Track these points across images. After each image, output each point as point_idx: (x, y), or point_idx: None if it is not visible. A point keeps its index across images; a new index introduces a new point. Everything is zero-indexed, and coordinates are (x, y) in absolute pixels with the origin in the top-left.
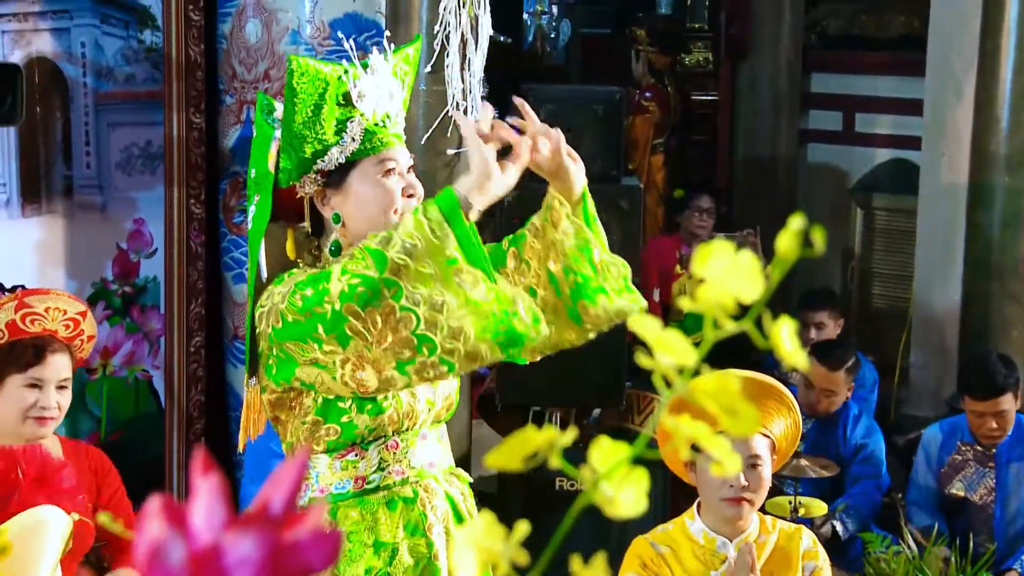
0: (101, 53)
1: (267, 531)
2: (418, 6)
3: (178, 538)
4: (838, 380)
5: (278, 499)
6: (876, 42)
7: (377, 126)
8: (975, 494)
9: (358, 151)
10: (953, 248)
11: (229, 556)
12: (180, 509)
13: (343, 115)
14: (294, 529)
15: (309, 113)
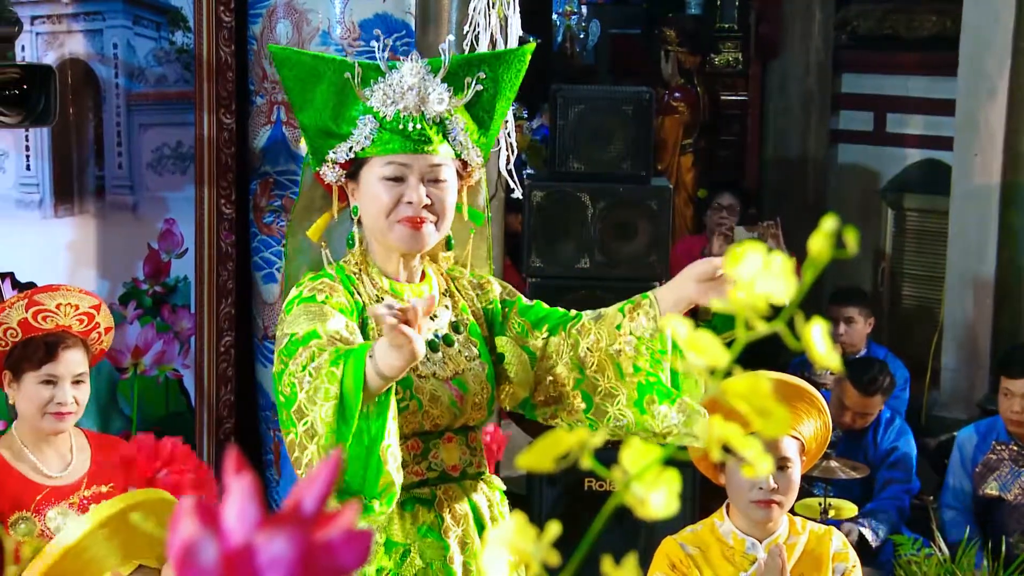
0: (133, 54)
1: (299, 531)
2: (448, 7)
3: (210, 538)
4: (873, 404)
5: (310, 499)
6: (907, 42)
7: (394, 127)
8: (1009, 493)
9: (368, 149)
10: (985, 250)
11: (261, 556)
12: (212, 509)
13: (354, 111)
14: (326, 529)
15: (307, 102)
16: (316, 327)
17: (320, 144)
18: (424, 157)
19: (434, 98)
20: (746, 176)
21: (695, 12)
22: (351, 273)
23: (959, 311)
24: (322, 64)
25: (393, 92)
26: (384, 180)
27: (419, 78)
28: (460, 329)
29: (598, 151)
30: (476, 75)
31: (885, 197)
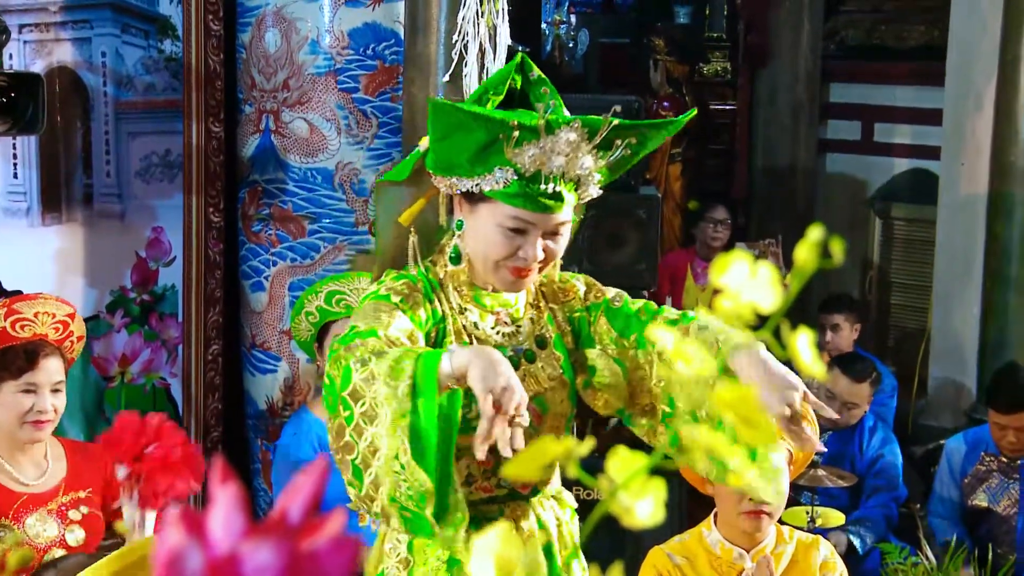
0: (121, 62)
1: (285, 540)
2: (437, 16)
3: (196, 546)
4: (861, 393)
5: (296, 508)
6: (895, 52)
7: (532, 187)
8: (998, 505)
9: (497, 193)
10: (972, 259)
11: (247, 564)
12: (198, 517)
13: (495, 160)
14: (312, 538)
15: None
16: (377, 328)
17: (444, 168)
18: (551, 217)
19: (579, 163)
20: (735, 185)
21: (684, 22)
22: (436, 276)
23: (946, 320)
24: (478, 121)
25: (543, 155)
26: (504, 229)
27: (573, 147)
28: (544, 343)
29: None
30: (628, 139)
31: (873, 206)
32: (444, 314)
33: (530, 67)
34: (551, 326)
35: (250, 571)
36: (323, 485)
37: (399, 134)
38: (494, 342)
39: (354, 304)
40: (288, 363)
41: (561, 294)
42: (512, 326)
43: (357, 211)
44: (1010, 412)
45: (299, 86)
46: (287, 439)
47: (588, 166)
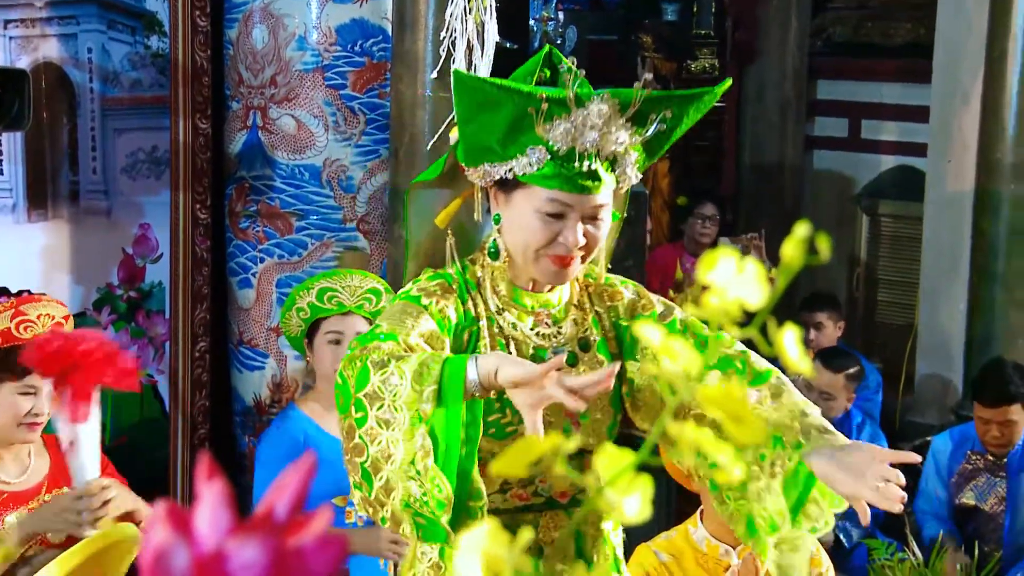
0: (108, 58)
1: (271, 537)
2: (424, 12)
3: (182, 543)
4: (837, 384)
5: (283, 505)
6: (882, 49)
7: (566, 165)
8: (985, 503)
9: (530, 176)
10: (959, 255)
11: (233, 561)
12: (185, 515)
13: (527, 139)
14: (298, 535)
15: (477, 122)
16: (398, 332)
17: (475, 155)
18: (589, 198)
19: (613, 138)
20: (722, 182)
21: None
22: (473, 277)
23: (933, 316)
24: (505, 95)
25: (575, 131)
26: (542, 215)
27: (605, 119)
28: (587, 347)
29: None
30: (662, 113)
31: (860, 203)
32: (479, 315)
33: (559, 58)
34: (596, 329)
35: (236, 568)
36: (309, 482)
37: (387, 131)
38: (533, 344)
39: (346, 301)
40: (276, 360)
41: (608, 297)
42: (553, 327)
43: (344, 208)
44: (995, 406)
45: (286, 82)
46: (272, 435)
47: (623, 141)
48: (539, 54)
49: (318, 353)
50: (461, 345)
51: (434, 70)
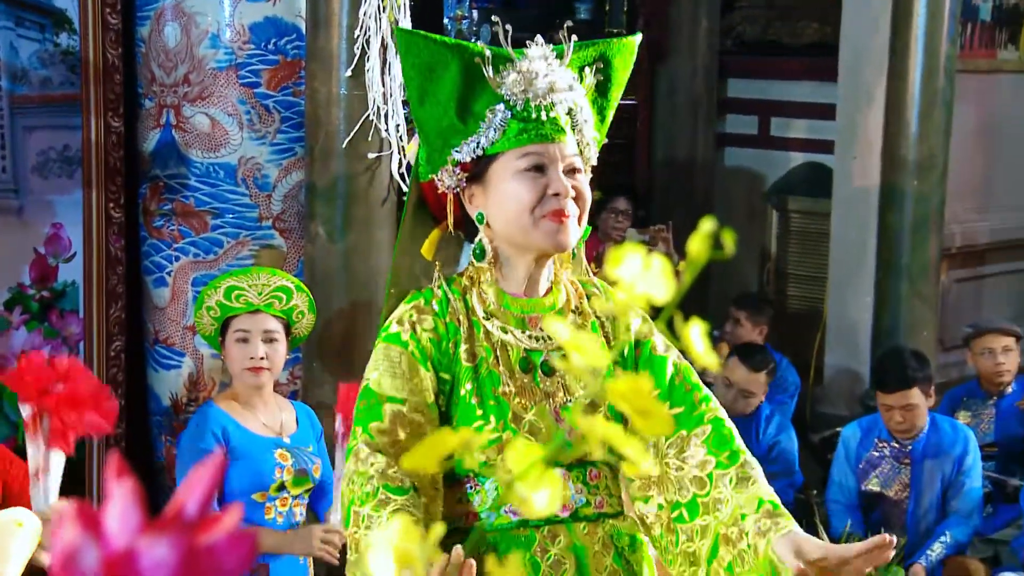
0: (16, 56)
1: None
2: (338, 10)
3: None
4: (758, 382)
5: (193, 503)
6: (790, 48)
7: (527, 116)
8: (890, 490)
9: (499, 143)
10: (865, 250)
11: (143, 560)
12: (94, 513)
13: (482, 102)
14: (208, 533)
15: (429, 95)
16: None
17: (439, 144)
18: (560, 146)
19: (563, 84)
20: (636, 178)
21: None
22: (458, 286)
23: (841, 309)
24: (450, 51)
25: (523, 79)
26: (523, 173)
27: (547, 64)
28: None
29: None
30: (595, 63)
31: (770, 199)
32: (459, 323)
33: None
34: (596, 333)
35: (147, 566)
36: (219, 479)
37: (302, 129)
38: (524, 347)
39: (254, 300)
40: (192, 359)
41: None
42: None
43: (260, 206)
44: (896, 391)
45: (200, 81)
46: (190, 431)
47: (570, 82)
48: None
49: (228, 352)
50: (447, 357)
51: (348, 68)
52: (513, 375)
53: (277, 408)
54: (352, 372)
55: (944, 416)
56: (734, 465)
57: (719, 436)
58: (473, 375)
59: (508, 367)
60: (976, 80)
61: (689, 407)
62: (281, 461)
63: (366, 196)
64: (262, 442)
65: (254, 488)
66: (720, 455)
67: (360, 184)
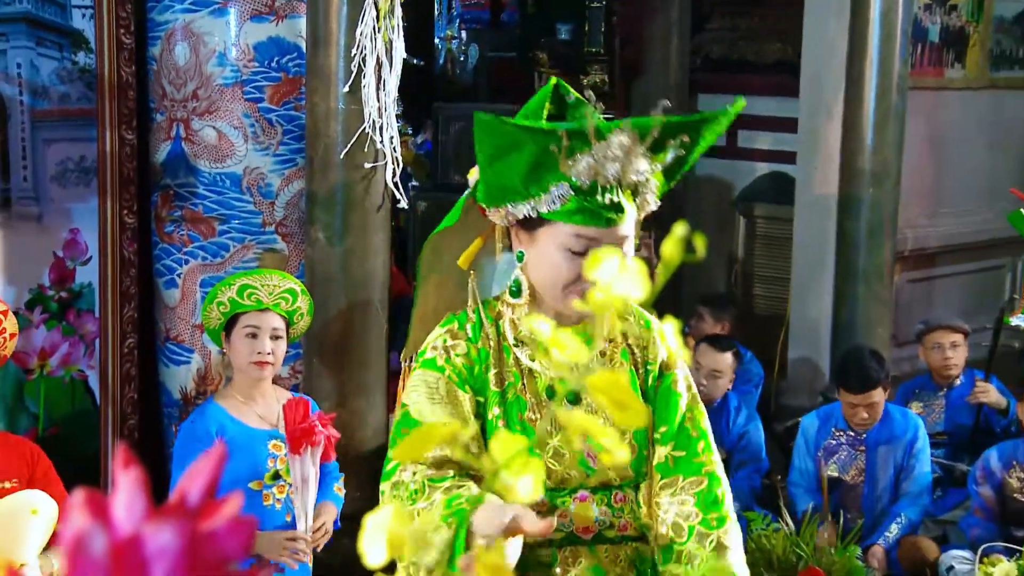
0: (37, 73)
1: (185, 521)
2: (336, 31)
3: (100, 529)
4: (725, 362)
5: (195, 491)
6: (755, 66)
7: (590, 199)
8: (847, 474)
9: (555, 214)
10: (825, 254)
11: (149, 545)
12: (103, 501)
13: (549, 179)
14: (210, 519)
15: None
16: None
17: (498, 195)
18: (614, 230)
19: (634, 168)
20: None
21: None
22: (492, 311)
23: (803, 309)
24: (527, 135)
25: (597, 164)
26: (567, 251)
27: (626, 150)
28: None
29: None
30: (679, 138)
31: (737, 206)
32: (490, 348)
33: (566, 90)
34: (626, 360)
35: (152, 552)
36: (221, 469)
37: (302, 140)
38: (550, 375)
39: (264, 299)
40: (200, 355)
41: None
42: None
43: (264, 212)
44: (860, 391)
45: (208, 96)
46: (188, 424)
47: (644, 170)
48: (546, 88)
49: (235, 345)
50: (479, 381)
51: (346, 84)
52: (539, 402)
53: (275, 401)
54: (348, 366)
55: (896, 405)
56: (718, 529)
57: (711, 495)
58: (501, 399)
59: (535, 394)
60: (926, 96)
61: (691, 453)
62: (274, 451)
63: (362, 203)
64: (256, 435)
65: (251, 477)
66: (708, 515)
67: (357, 192)
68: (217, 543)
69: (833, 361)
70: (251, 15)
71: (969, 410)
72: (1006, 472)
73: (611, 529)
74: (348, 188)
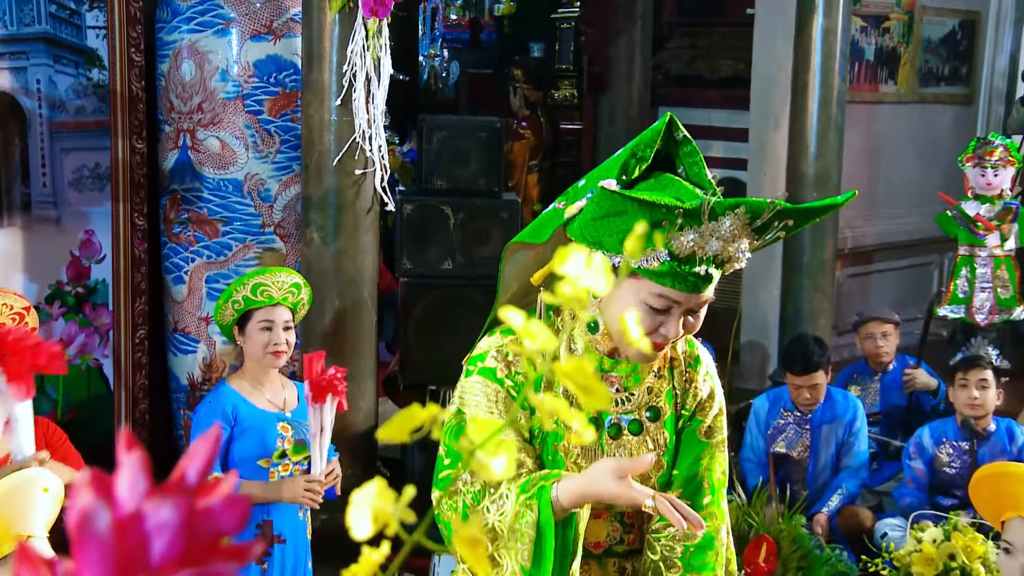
0: (54, 88)
1: (183, 499)
2: (329, 49)
3: (104, 507)
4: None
5: (193, 470)
6: (710, 81)
7: (684, 267)
8: (794, 451)
9: (647, 271)
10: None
11: (149, 522)
12: (107, 481)
13: (651, 242)
14: (207, 497)
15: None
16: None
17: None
18: (698, 296)
19: (735, 249)
20: None
21: (538, 55)
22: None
23: (753, 301)
24: (641, 209)
25: (701, 240)
26: (648, 307)
27: (735, 232)
28: (657, 417)
29: (458, 171)
30: (784, 222)
31: None
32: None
33: (676, 127)
34: (668, 404)
35: (152, 527)
36: (217, 450)
37: (298, 149)
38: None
39: (274, 294)
40: (206, 345)
41: (688, 380)
42: (624, 392)
43: (263, 215)
44: (804, 373)
45: (212, 109)
46: (205, 406)
47: (744, 249)
48: (659, 123)
49: (251, 337)
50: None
51: (338, 98)
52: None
53: (281, 387)
54: (341, 355)
55: (837, 388)
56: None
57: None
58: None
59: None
60: (862, 109)
61: (696, 506)
62: (283, 432)
63: (353, 206)
64: (267, 416)
65: (259, 455)
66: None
67: (348, 196)
68: (214, 519)
69: (781, 348)
70: (251, 35)
71: (902, 392)
72: (937, 448)
73: (621, 544)
74: (340, 192)
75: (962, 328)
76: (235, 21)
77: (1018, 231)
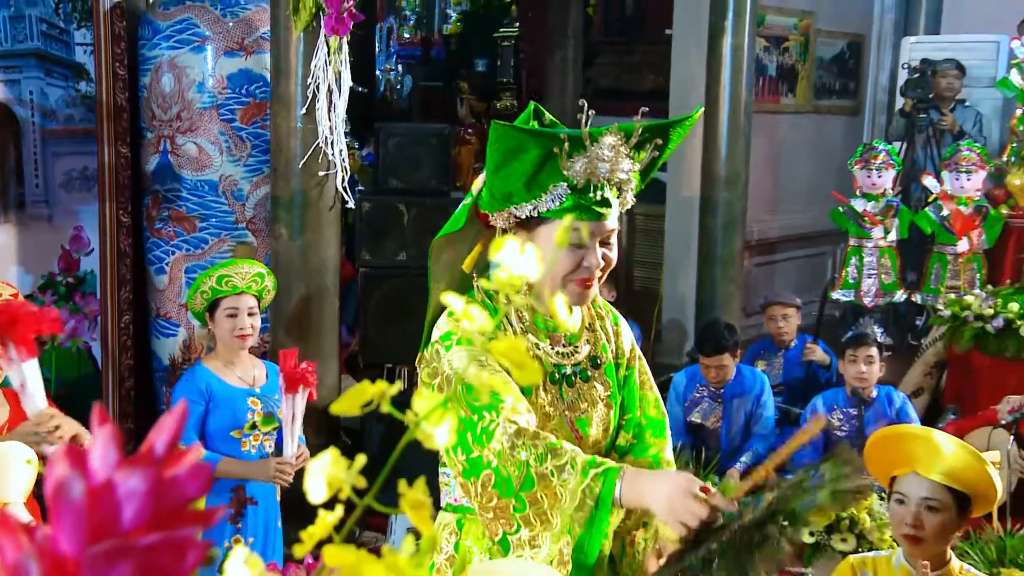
0: (46, 99)
1: (151, 469)
2: (295, 63)
3: (78, 476)
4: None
5: (161, 443)
6: (634, 94)
7: (585, 196)
8: (708, 421)
9: (553, 212)
10: (690, 244)
11: (120, 490)
12: (81, 453)
13: (549, 179)
14: (174, 467)
15: (505, 168)
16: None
17: (501, 200)
18: (604, 224)
19: (622, 167)
20: None
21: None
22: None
23: (673, 287)
24: (532, 139)
25: (589, 166)
26: (566, 246)
27: (614, 152)
28: (597, 365)
29: (411, 172)
30: (655, 140)
31: None
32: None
33: (542, 112)
34: (605, 353)
35: (122, 495)
36: (183, 424)
37: (267, 153)
38: (553, 361)
39: (239, 284)
40: (185, 329)
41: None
42: (570, 347)
43: (236, 212)
44: (712, 355)
45: (189, 117)
46: (182, 384)
47: (628, 168)
48: (527, 110)
49: (219, 323)
50: None
51: (303, 107)
52: (545, 387)
53: (251, 365)
54: (307, 337)
55: (746, 366)
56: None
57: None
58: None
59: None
60: (766, 119)
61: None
62: (252, 406)
63: (317, 204)
64: (238, 392)
65: (232, 427)
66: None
67: (312, 196)
68: (180, 486)
69: (696, 329)
70: (225, 51)
71: (801, 366)
72: (829, 414)
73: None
74: (305, 192)
75: (852, 310)
76: (210, 39)
77: (898, 225)
